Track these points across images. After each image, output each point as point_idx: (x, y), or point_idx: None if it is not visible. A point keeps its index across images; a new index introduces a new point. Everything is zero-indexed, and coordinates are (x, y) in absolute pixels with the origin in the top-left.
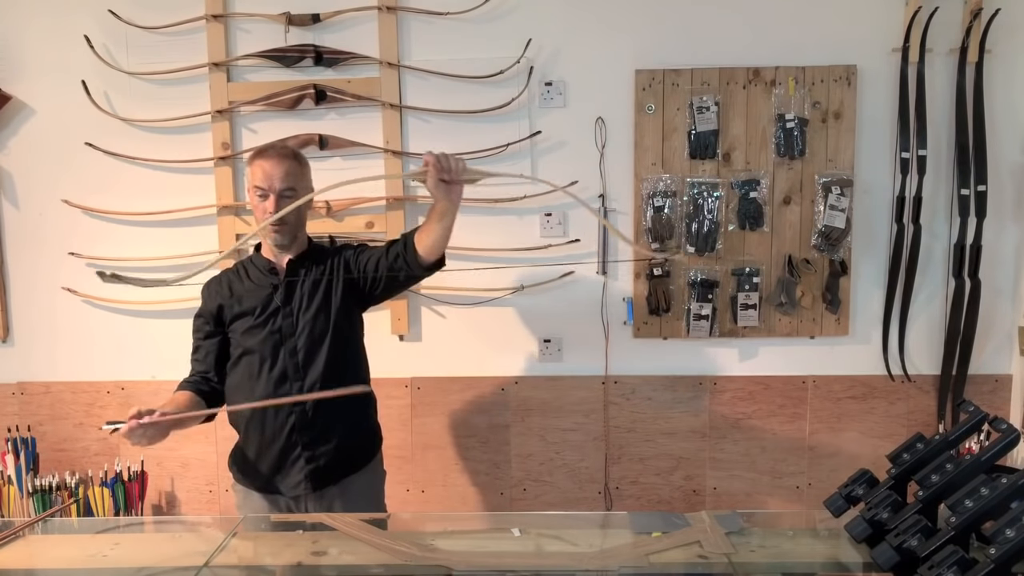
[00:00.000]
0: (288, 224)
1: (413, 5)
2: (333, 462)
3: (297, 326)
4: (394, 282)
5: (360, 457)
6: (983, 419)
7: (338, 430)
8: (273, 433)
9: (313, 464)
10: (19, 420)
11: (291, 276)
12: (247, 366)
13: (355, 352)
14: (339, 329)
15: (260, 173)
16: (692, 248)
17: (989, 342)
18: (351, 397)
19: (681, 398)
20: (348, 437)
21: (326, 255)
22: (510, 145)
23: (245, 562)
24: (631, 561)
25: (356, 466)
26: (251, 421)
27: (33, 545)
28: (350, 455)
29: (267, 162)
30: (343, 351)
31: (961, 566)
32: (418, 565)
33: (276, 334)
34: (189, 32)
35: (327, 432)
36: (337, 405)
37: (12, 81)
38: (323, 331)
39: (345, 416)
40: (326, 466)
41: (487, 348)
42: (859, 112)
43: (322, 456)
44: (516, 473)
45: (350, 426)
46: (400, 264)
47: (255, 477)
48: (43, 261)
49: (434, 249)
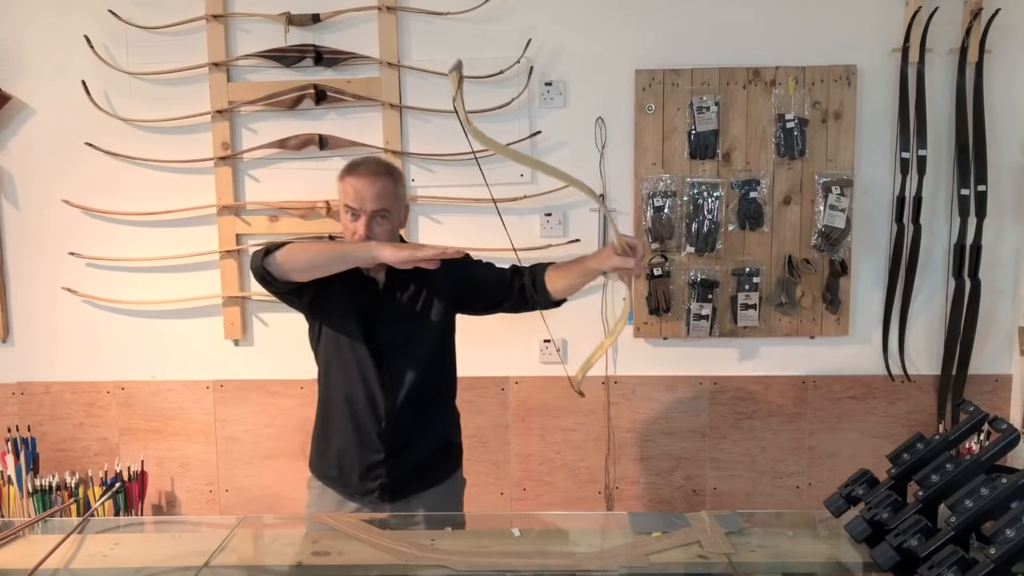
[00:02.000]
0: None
1: (413, 5)
2: (411, 476)
3: (393, 335)
4: (504, 310)
5: (440, 473)
6: (983, 419)
7: (421, 446)
8: (359, 435)
9: (391, 476)
10: (19, 420)
11: (391, 285)
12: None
13: (447, 364)
14: (434, 341)
15: (351, 191)
16: (692, 248)
17: (989, 342)
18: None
19: (681, 398)
20: (432, 452)
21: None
22: (510, 145)
23: (245, 562)
24: (631, 561)
25: (434, 481)
26: (338, 419)
27: (33, 545)
28: (430, 470)
29: (359, 180)
30: (435, 363)
31: (961, 566)
32: (418, 565)
33: (371, 341)
34: (189, 32)
35: (410, 446)
36: (425, 421)
37: (12, 81)
38: (418, 342)
39: (432, 430)
40: (404, 479)
41: (487, 348)
42: (859, 112)
43: (402, 468)
44: (516, 473)
45: (436, 441)
46: (527, 298)
47: (335, 475)
48: (43, 261)
49: (566, 293)
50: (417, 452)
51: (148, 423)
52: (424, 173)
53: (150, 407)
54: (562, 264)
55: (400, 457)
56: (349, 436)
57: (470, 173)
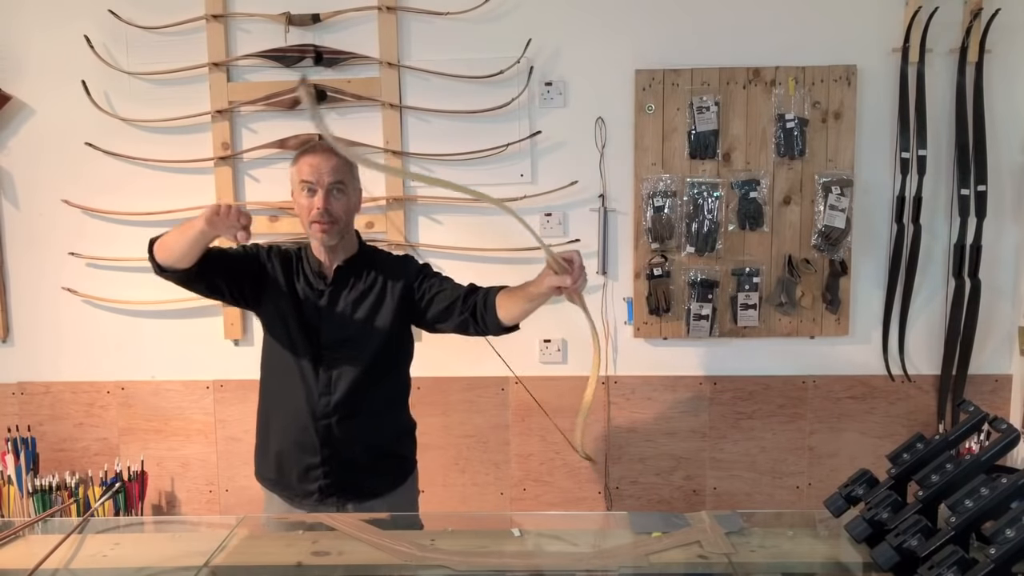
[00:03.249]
0: (337, 222)
1: (413, 5)
2: (350, 481)
3: (333, 337)
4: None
5: (383, 484)
6: (983, 419)
7: (360, 453)
8: (296, 437)
9: (330, 479)
10: (19, 420)
11: (337, 284)
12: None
13: (394, 373)
14: (379, 348)
15: (307, 168)
16: (692, 248)
17: (989, 342)
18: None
19: (681, 398)
20: (370, 462)
21: (379, 264)
22: (510, 145)
23: (245, 562)
24: (631, 561)
25: (378, 492)
26: (277, 419)
27: (33, 545)
28: (372, 479)
29: (315, 157)
30: (379, 370)
31: (961, 566)
32: (418, 565)
33: (313, 341)
34: (189, 32)
35: (348, 453)
36: (364, 426)
37: (12, 81)
38: (361, 347)
39: (371, 439)
40: (343, 483)
41: (487, 348)
42: (859, 112)
43: (341, 473)
44: (516, 473)
45: (374, 452)
46: (478, 321)
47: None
48: (43, 261)
49: (515, 320)
50: (355, 456)
51: (148, 423)
52: (424, 173)
53: (150, 407)
54: (511, 289)
55: (337, 460)
56: (288, 436)
57: (470, 173)
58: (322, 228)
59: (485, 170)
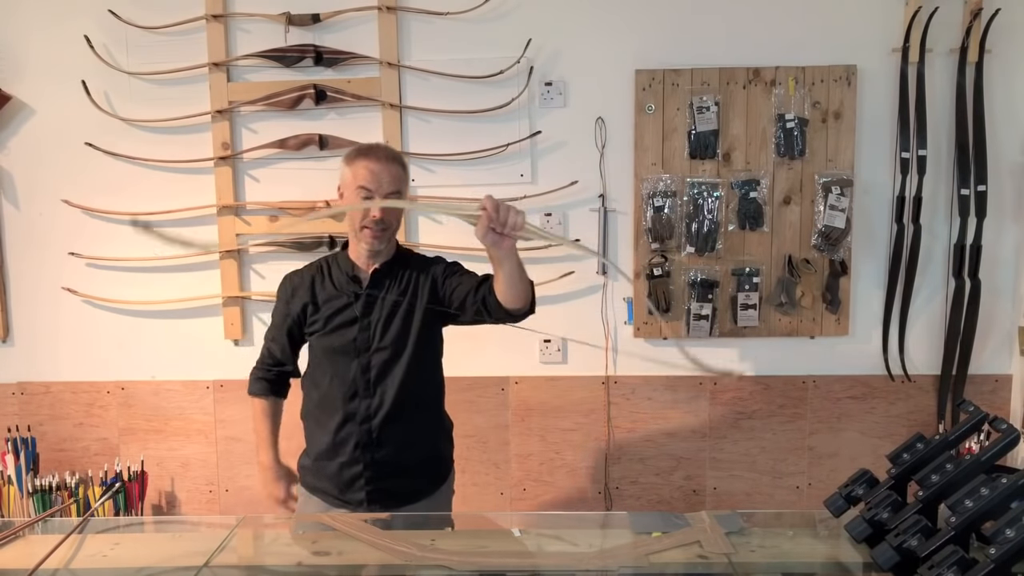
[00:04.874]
0: (389, 229)
1: (413, 5)
2: (395, 486)
3: (373, 341)
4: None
5: (427, 484)
6: (983, 419)
7: (403, 456)
8: (338, 444)
9: (373, 485)
10: (19, 420)
11: (374, 288)
12: (321, 374)
13: (431, 373)
14: (417, 349)
15: (367, 173)
16: (692, 248)
17: (989, 342)
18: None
19: (681, 398)
20: (413, 464)
21: (413, 266)
22: (510, 145)
23: (245, 562)
24: (631, 561)
25: (421, 494)
26: (318, 426)
27: (33, 545)
28: (414, 483)
29: (375, 163)
30: (418, 371)
31: (961, 566)
32: (418, 565)
33: (351, 347)
34: (189, 32)
35: (392, 456)
36: (406, 430)
37: (12, 81)
38: (400, 349)
39: (416, 440)
40: (389, 489)
41: (487, 348)
42: (859, 112)
43: (385, 479)
44: (516, 473)
45: (417, 454)
46: (491, 309)
47: (319, 484)
48: (43, 261)
49: (511, 298)
50: (400, 462)
51: (148, 423)
52: (424, 173)
53: (150, 407)
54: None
55: (382, 467)
56: (330, 445)
57: (470, 173)
58: (374, 235)
59: (485, 170)
